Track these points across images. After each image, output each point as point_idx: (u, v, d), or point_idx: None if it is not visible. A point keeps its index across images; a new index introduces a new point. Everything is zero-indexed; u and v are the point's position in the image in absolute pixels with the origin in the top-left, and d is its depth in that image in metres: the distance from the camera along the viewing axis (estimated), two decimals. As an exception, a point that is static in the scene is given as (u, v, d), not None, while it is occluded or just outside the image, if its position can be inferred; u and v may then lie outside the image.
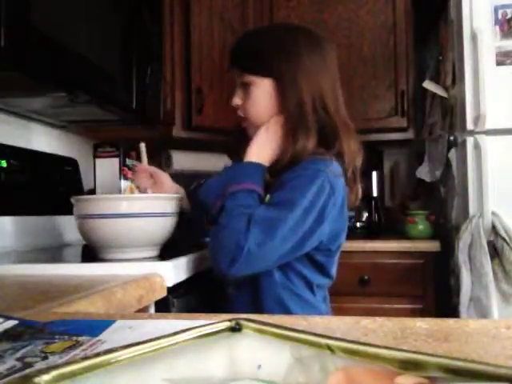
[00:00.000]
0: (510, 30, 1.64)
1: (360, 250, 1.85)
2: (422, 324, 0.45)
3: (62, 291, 0.72)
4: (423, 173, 2.04)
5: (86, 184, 1.60)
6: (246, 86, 1.06)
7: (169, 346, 0.28)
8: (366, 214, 2.13)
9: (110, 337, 0.39)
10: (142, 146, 1.21)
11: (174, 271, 0.92)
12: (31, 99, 1.22)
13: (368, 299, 1.83)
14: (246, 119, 1.08)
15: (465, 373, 0.24)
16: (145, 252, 1.00)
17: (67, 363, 0.25)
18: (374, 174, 2.23)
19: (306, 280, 1.00)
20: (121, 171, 1.41)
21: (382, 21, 2.12)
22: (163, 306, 0.90)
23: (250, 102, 1.06)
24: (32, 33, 0.91)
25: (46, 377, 0.24)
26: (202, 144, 2.05)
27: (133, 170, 1.37)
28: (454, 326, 0.44)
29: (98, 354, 0.26)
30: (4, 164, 1.26)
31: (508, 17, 1.64)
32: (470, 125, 1.64)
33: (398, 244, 1.86)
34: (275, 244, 0.89)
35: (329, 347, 0.27)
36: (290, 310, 0.98)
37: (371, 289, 1.84)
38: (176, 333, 0.29)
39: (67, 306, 0.60)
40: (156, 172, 1.22)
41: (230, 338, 0.30)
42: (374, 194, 2.21)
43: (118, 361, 0.26)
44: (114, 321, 0.44)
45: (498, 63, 1.64)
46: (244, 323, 0.31)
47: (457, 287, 1.60)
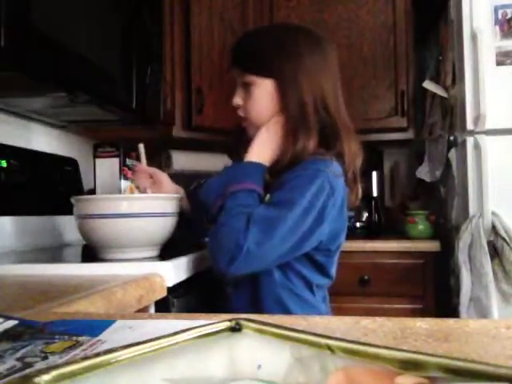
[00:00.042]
0: (510, 30, 1.64)
1: (360, 250, 1.85)
2: (422, 324, 0.45)
3: (62, 291, 0.72)
4: (423, 173, 2.04)
5: (86, 184, 1.60)
6: (246, 86, 1.06)
7: (169, 345, 0.28)
8: (366, 214, 2.13)
9: (110, 337, 0.39)
10: (141, 147, 1.21)
11: (174, 271, 0.92)
12: (31, 99, 1.22)
13: (368, 299, 1.83)
14: (246, 119, 1.08)
15: (465, 373, 0.24)
16: (145, 252, 1.00)
17: (67, 363, 0.25)
18: (374, 174, 2.23)
19: (305, 280, 1.00)
20: (121, 171, 1.41)
21: (382, 21, 2.12)
22: (163, 306, 0.90)
23: (251, 102, 1.06)
24: (32, 33, 0.91)
25: (45, 377, 0.24)
26: (202, 144, 2.05)
27: (132, 170, 1.37)
28: (454, 326, 0.44)
29: (97, 354, 0.26)
30: (4, 164, 1.26)
31: (508, 17, 1.64)
32: (470, 125, 1.64)
33: (397, 244, 1.86)
34: (274, 243, 0.89)
35: (329, 347, 0.27)
36: (289, 309, 0.98)
37: (371, 289, 1.84)
38: (176, 333, 0.29)
39: (67, 306, 0.60)
40: (155, 172, 1.22)
41: (230, 338, 0.30)
42: (374, 194, 2.21)
43: (118, 361, 0.26)
44: (114, 321, 0.44)
45: (498, 63, 1.64)
46: (244, 323, 0.31)
47: (457, 287, 1.60)
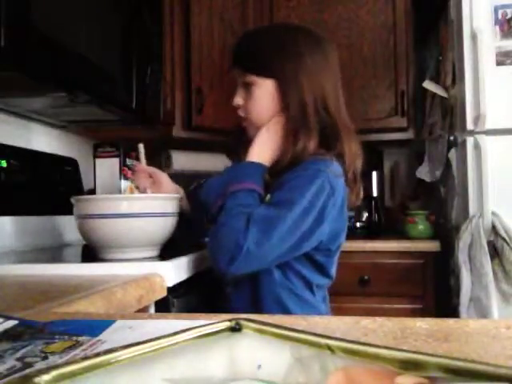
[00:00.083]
0: (510, 30, 1.64)
1: (360, 250, 1.85)
2: (422, 324, 0.45)
3: (62, 291, 0.72)
4: (423, 173, 2.04)
5: (86, 184, 1.60)
6: (247, 86, 1.06)
7: (169, 345, 0.28)
8: (366, 214, 2.13)
9: (110, 337, 0.39)
10: (141, 147, 1.21)
11: (174, 271, 0.92)
12: (31, 99, 1.22)
13: (368, 299, 1.83)
14: (246, 119, 1.08)
15: (465, 373, 0.24)
16: (145, 252, 1.00)
17: (67, 363, 0.25)
18: (374, 173, 2.23)
19: (305, 280, 1.00)
20: (121, 171, 1.41)
21: (382, 21, 2.12)
22: (163, 306, 0.90)
23: (252, 102, 1.05)
24: (32, 33, 0.91)
25: (45, 377, 0.24)
26: (202, 144, 2.05)
27: (132, 169, 1.37)
28: (454, 326, 0.44)
29: (98, 354, 0.26)
30: (4, 164, 1.26)
31: (508, 17, 1.64)
32: (470, 125, 1.64)
33: (397, 244, 1.86)
34: (274, 243, 0.89)
35: (329, 347, 0.27)
36: (289, 309, 0.98)
37: (371, 289, 1.84)
38: (176, 333, 0.29)
39: (67, 306, 0.60)
40: (155, 172, 1.22)
41: (230, 337, 0.30)
42: (374, 194, 2.21)
43: (118, 361, 0.26)
44: (114, 321, 0.44)
45: (498, 63, 1.64)
46: (244, 323, 0.31)
47: (457, 287, 1.60)
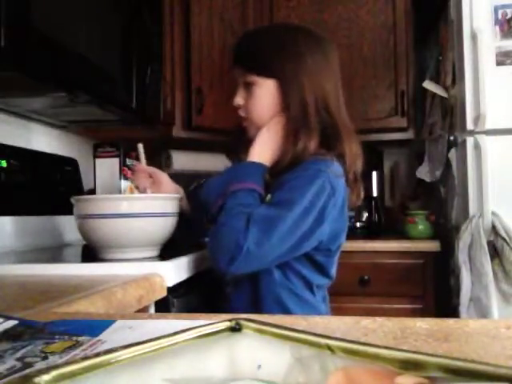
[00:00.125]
0: (510, 29, 1.64)
1: (360, 250, 1.85)
2: (422, 324, 0.45)
3: (62, 291, 0.72)
4: (423, 173, 2.04)
5: (86, 184, 1.60)
6: (248, 86, 1.06)
7: (169, 345, 0.28)
8: (366, 214, 2.13)
9: (110, 337, 0.39)
10: (140, 147, 1.21)
11: (174, 271, 0.92)
12: (31, 99, 1.22)
13: (368, 299, 1.83)
14: (247, 119, 1.08)
15: (465, 373, 0.24)
16: (145, 252, 1.00)
17: (67, 363, 0.25)
18: (374, 174, 2.23)
19: (305, 280, 1.00)
20: (121, 171, 1.41)
21: (382, 21, 2.12)
22: (163, 306, 0.89)
23: (253, 102, 1.05)
24: (32, 33, 0.91)
25: (45, 377, 0.24)
26: (202, 144, 2.05)
27: (132, 169, 1.37)
28: (454, 326, 0.44)
29: (97, 354, 0.26)
30: (4, 164, 1.26)
31: (508, 17, 1.64)
32: (470, 125, 1.64)
33: (397, 244, 1.86)
34: (274, 243, 0.89)
35: (329, 347, 0.27)
36: (289, 309, 0.98)
37: (371, 289, 1.84)
38: (176, 333, 0.29)
39: (67, 306, 0.60)
40: (155, 172, 1.22)
41: (230, 337, 0.30)
42: (374, 194, 2.21)
43: (118, 361, 0.26)
44: (114, 321, 0.44)
45: (498, 63, 1.64)
46: (244, 323, 0.31)
47: (457, 287, 1.60)
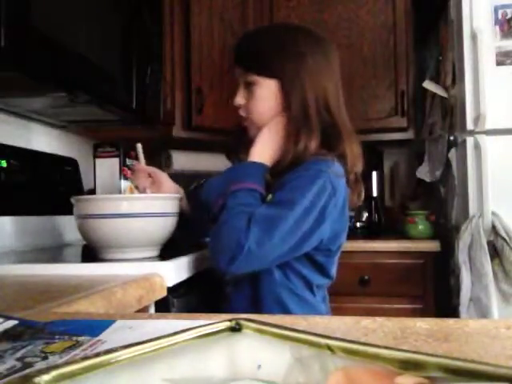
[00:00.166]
0: (510, 30, 1.64)
1: (360, 250, 1.85)
2: (422, 324, 0.45)
3: (62, 291, 0.72)
4: (423, 173, 2.04)
5: (86, 184, 1.60)
6: (249, 86, 1.05)
7: (169, 345, 0.28)
8: (366, 214, 2.13)
9: (110, 337, 0.39)
10: (139, 147, 1.21)
11: (174, 271, 0.92)
12: (31, 99, 1.22)
13: (368, 299, 1.83)
14: (247, 119, 1.08)
15: (465, 373, 0.24)
16: (145, 252, 1.00)
17: (67, 363, 0.25)
18: (374, 174, 2.23)
19: (305, 280, 1.00)
20: (121, 171, 1.41)
21: (382, 21, 2.12)
22: (163, 306, 0.89)
23: (253, 102, 1.05)
24: (32, 33, 0.91)
25: (45, 377, 0.24)
26: (202, 144, 2.05)
27: (132, 169, 1.37)
28: (454, 326, 0.44)
29: (97, 354, 0.26)
30: (4, 164, 1.26)
31: (508, 17, 1.64)
32: (470, 125, 1.64)
33: (397, 244, 1.86)
34: (275, 243, 0.89)
35: (329, 347, 0.27)
36: (289, 309, 0.98)
37: (371, 289, 1.84)
38: (176, 333, 0.29)
39: (67, 306, 0.60)
40: (155, 172, 1.21)
41: (230, 337, 0.30)
42: (374, 194, 2.21)
43: (118, 361, 0.26)
44: (114, 321, 0.44)
45: (498, 63, 1.64)
46: (244, 323, 0.31)
47: (457, 287, 1.60)
